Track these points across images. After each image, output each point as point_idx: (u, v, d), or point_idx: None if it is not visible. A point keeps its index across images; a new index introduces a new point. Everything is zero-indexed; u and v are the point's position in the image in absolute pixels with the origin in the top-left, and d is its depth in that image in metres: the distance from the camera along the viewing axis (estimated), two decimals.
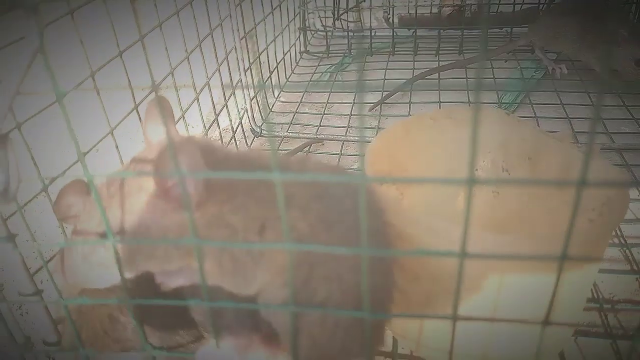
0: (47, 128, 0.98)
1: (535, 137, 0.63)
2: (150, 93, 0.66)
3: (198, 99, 0.78)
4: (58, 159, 0.56)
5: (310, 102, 1.21)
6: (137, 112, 0.62)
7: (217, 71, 0.86)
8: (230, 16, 0.92)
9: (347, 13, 1.45)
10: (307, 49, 1.46)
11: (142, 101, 0.62)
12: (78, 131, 0.34)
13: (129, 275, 0.41)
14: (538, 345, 0.40)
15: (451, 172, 0.69)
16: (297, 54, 1.41)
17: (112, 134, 0.56)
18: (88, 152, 0.53)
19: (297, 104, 1.19)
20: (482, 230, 0.69)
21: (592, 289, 0.65)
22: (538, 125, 1.00)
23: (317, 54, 1.44)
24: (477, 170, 0.69)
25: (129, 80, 0.60)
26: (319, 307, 0.40)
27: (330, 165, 0.46)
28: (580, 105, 1.09)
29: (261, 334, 0.45)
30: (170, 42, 0.71)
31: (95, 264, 0.42)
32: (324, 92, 1.24)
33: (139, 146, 0.45)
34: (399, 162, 0.65)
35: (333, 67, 1.36)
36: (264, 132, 1.07)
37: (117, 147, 0.57)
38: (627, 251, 0.71)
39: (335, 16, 1.43)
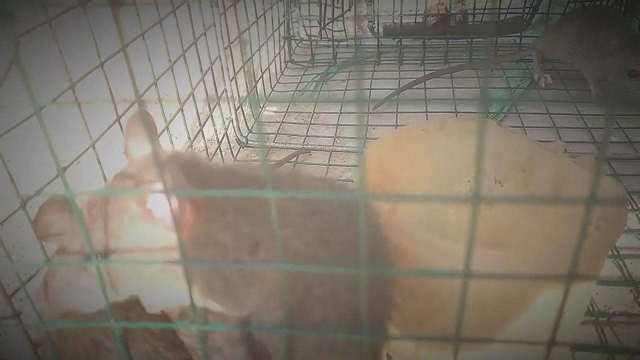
0: (24, 142, 0.95)
1: (528, 149, 0.62)
2: (133, 104, 0.64)
3: (182, 110, 0.76)
4: (37, 174, 0.54)
5: (296, 112, 1.20)
6: (120, 124, 0.59)
7: (202, 81, 0.84)
8: (215, 25, 0.91)
9: (332, 22, 1.44)
10: (292, 58, 1.45)
11: (124, 112, 0.60)
12: (58, 145, 0.32)
13: (114, 298, 0.39)
14: None
15: (442, 184, 0.68)
16: (282, 63, 1.40)
17: (94, 147, 0.53)
18: (68, 166, 0.51)
19: (284, 113, 1.18)
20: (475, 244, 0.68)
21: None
22: (526, 135, 1.00)
23: (302, 63, 1.43)
24: (468, 181, 0.68)
25: (110, 91, 0.57)
26: (314, 330, 0.38)
27: (325, 179, 0.45)
28: (567, 114, 1.09)
29: (254, 357, 0.43)
30: (153, 52, 0.69)
31: (79, 289, 0.40)
32: (310, 102, 1.23)
33: (121, 160, 0.43)
34: (390, 173, 0.64)
35: (318, 77, 1.34)
36: (250, 142, 1.05)
37: (98, 160, 0.55)
38: (620, 262, 0.70)
39: (322, 25, 1.42)
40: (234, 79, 1.00)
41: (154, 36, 0.70)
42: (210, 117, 0.92)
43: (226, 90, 0.98)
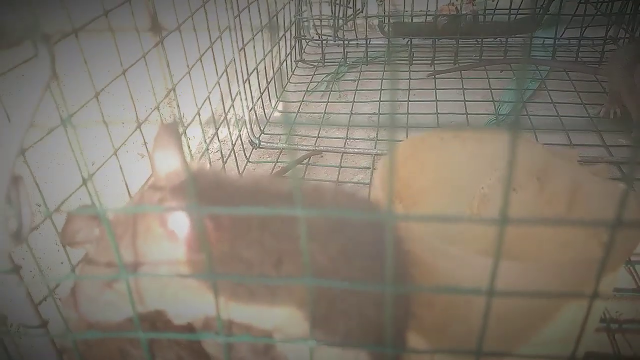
0: (44, 157, 0.97)
1: (543, 157, 0.62)
2: (153, 111, 0.64)
3: (199, 115, 0.77)
4: (59, 187, 0.54)
5: (308, 113, 1.20)
6: (140, 130, 0.60)
7: (217, 84, 0.85)
8: (229, 28, 0.91)
9: (345, 23, 1.44)
10: (303, 57, 1.45)
11: (145, 119, 0.61)
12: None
13: (140, 310, 0.40)
14: None
15: (457, 191, 0.68)
16: (293, 62, 1.40)
17: (116, 155, 0.54)
18: (92, 175, 0.51)
19: (295, 114, 1.18)
20: (487, 249, 0.69)
21: None
22: (535, 137, 1.00)
23: (312, 63, 1.43)
24: (483, 188, 0.68)
25: (132, 98, 0.58)
26: (338, 343, 0.39)
27: (349, 193, 0.45)
28: (577, 117, 1.09)
29: None
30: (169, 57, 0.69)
31: (103, 303, 0.40)
32: (321, 102, 1.23)
33: (140, 166, 0.44)
34: (405, 181, 0.65)
35: (329, 77, 1.35)
36: (263, 143, 1.06)
37: (121, 168, 0.56)
38: (631, 268, 0.71)
39: (336, 26, 1.42)
40: (247, 81, 1.01)
41: (170, 42, 0.71)
42: (224, 119, 0.93)
43: (240, 92, 0.98)
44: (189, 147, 0.77)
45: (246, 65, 0.99)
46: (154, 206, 0.39)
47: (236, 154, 0.97)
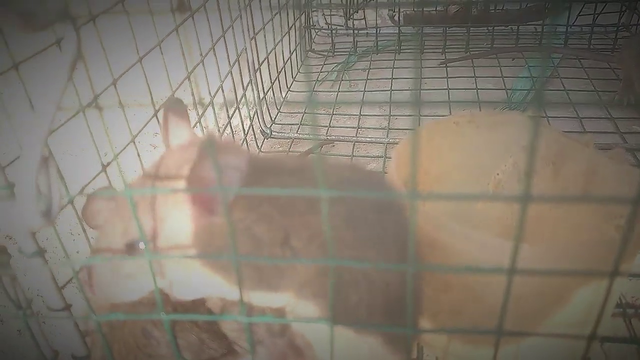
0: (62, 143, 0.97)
1: (559, 142, 0.62)
2: (169, 97, 0.65)
3: (213, 104, 0.77)
4: (77, 170, 0.55)
5: (318, 102, 1.20)
6: (157, 118, 0.61)
7: (230, 74, 0.85)
8: (241, 17, 0.91)
9: (356, 12, 1.44)
10: (312, 47, 1.45)
11: (161, 107, 0.61)
12: (99, 143, 0.33)
13: (161, 285, 0.40)
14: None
15: (472, 177, 0.68)
16: (302, 52, 1.40)
17: (134, 143, 0.55)
18: (109, 163, 0.52)
19: (305, 103, 1.18)
20: (501, 234, 0.69)
21: None
22: (549, 124, 1.00)
23: (322, 53, 1.43)
24: (498, 174, 0.69)
25: (148, 86, 0.59)
26: (355, 322, 0.39)
27: (351, 165, 0.46)
28: (590, 104, 1.09)
29: (294, 347, 0.44)
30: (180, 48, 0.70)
31: (123, 275, 0.41)
32: (332, 91, 1.24)
33: (153, 158, 0.44)
34: (421, 167, 0.65)
35: (339, 66, 1.35)
36: (274, 133, 1.06)
37: (139, 155, 0.56)
38: None
39: (348, 16, 1.42)
40: (258, 70, 1.01)
41: (184, 31, 0.71)
42: (237, 109, 0.93)
43: (251, 82, 0.99)
44: (203, 128, 0.77)
45: (257, 54, 0.99)
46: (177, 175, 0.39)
47: (248, 144, 0.97)
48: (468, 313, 0.53)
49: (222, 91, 0.83)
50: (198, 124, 0.72)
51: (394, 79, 1.25)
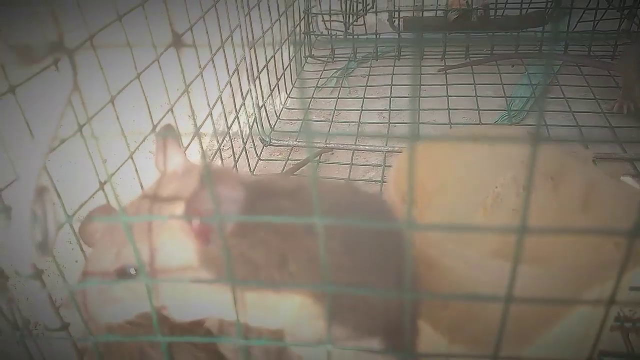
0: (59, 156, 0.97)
1: (558, 157, 0.62)
2: (167, 112, 0.65)
3: (212, 115, 0.77)
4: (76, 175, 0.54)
5: (317, 109, 1.20)
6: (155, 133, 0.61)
7: (229, 83, 0.85)
8: (240, 26, 0.91)
9: (356, 19, 1.44)
10: (312, 53, 1.45)
11: (160, 121, 0.61)
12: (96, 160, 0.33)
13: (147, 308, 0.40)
14: None
15: (470, 191, 0.68)
16: (302, 58, 1.40)
17: (132, 159, 0.55)
18: (107, 181, 0.52)
19: (304, 111, 1.18)
20: (500, 248, 0.69)
21: None
22: (548, 133, 1.00)
23: (322, 59, 1.43)
24: (496, 187, 0.68)
25: (146, 101, 0.59)
26: (356, 346, 0.39)
27: (349, 186, 0.46)
28: (590, 112, 1.09)
29: None
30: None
31: (110, 299, 0.41)
32: (331, 98, 1.23)
33: (151, 164, 0.44)
34: (419, 181, 0.65)
35: (338, 72, 1.35)
36: (273, 141, 1.06)
37: (136, 170, 0.56)
38: None
39: (349, 22, 1.42)
40: (257, 78, 1.01)
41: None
42: (236, 118, 0.93)
43: (250, 90, 0.98)
44: (201, 146, 0.77)
45: (257, 62, 0.99)
46: (168, 205, 0.39)
47: (247, 152, 0.97)
48: (467, 330, 0.53)
49: (221, 101, 0.83)
50: (196, 136, 0.72)
51: (393, 85, 1.25)
